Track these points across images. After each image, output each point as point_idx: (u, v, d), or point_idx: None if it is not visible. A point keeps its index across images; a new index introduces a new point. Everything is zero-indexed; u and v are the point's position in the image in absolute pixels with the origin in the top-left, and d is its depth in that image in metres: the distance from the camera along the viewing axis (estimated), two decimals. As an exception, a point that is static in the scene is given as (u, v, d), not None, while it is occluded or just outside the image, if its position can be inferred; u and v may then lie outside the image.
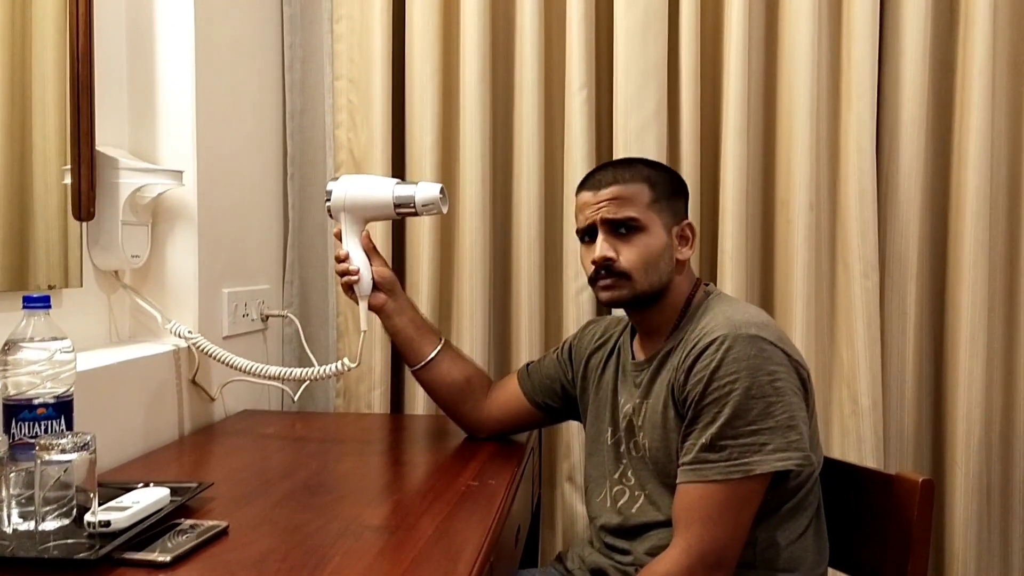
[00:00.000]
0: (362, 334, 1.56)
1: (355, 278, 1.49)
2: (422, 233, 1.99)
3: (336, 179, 1.51)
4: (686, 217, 1.38)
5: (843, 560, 1.36)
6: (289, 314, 2.03)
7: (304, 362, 2.01)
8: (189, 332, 1.62)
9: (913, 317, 1.96)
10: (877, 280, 1.93)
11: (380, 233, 1.98)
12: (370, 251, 1.52)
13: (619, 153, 1.93)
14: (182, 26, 1.66)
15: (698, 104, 1.95)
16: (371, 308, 1.52)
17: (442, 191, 1.49)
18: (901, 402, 1.97)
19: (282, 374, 1.64)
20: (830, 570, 1.36)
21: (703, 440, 1.20)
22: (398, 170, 2.04)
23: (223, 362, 1.62)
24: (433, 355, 1.53)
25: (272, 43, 2.06)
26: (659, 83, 1.93)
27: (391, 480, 1.45)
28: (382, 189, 1.50)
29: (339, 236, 1.51)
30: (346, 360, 1.58)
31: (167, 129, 1.66)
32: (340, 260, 1.50)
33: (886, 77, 1.95)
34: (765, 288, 2.01)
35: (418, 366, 1.54)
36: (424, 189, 1.48)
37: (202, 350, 1.62)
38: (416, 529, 1.09)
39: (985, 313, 1.91)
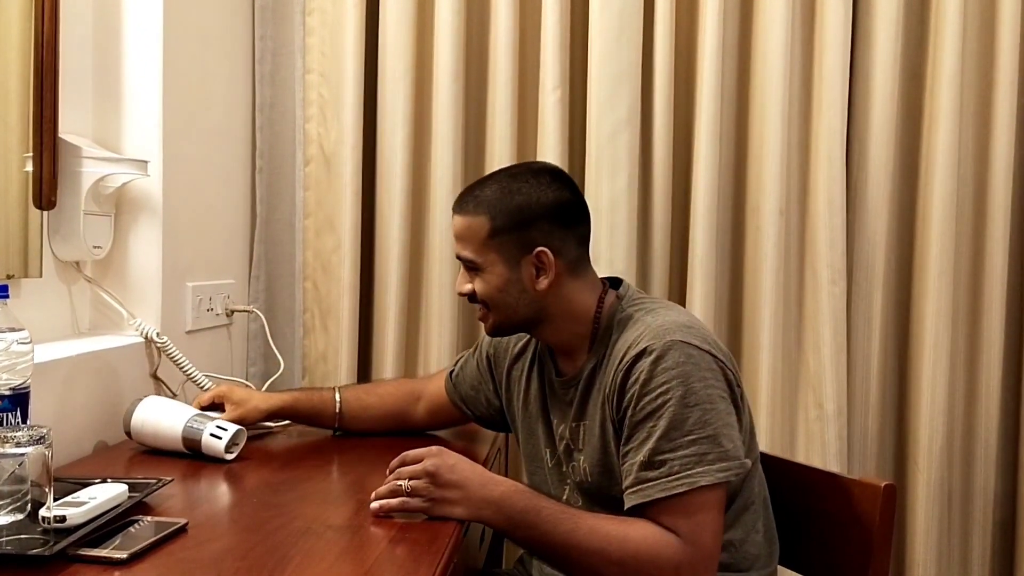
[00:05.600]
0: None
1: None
2: (391, 228, 1.98)
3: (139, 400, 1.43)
4: (541, 244, 1.24)
5: (804, 564, 1.36)
6: (255, 310, 2.00)
7: (270, 358, 2.00)
8: (158, 335, 1.61)
9: (879, 324, 1.98)
10: (844, 287, 1.95)
11: (349, 232, 1.97)
12: (214, 408, 1.51)
13: (592, 156, 1.93)
14: (150, 14, 1.63)
15: (671, 108, 1.95)
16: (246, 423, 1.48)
17: (233, 440, 1.38)
18: (865, 408, 1.99)
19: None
20: (790, 572, 1.36)
21: (640, 458, 1.14)
22: (369, 166, 2.02)
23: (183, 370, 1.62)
24: (339, 409, 1.56)
25: (243, 35, 2.03)
26: (633, 86, 1.94)
27: (355, 479, 1.43)
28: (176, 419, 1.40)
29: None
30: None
31: (133, 118, 1.63)
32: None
33: (857, 86, 1.97)
34: (734, 293, 2.02)
35: (337, 426, 1.57)
36: (210, 437, 1.36)
37: (166, 352, 1.60)
38: (380, 529, 1.07)
39: (949, 322, 1.94)
